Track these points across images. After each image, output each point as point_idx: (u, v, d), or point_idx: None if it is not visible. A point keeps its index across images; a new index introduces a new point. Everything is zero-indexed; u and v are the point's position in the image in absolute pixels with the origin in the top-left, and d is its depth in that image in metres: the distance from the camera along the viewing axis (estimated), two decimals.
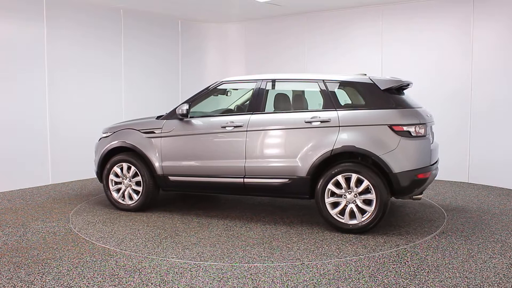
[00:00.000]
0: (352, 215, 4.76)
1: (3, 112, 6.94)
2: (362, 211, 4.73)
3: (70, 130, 7.75)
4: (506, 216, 5.47)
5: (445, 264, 3.94)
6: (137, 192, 5.72)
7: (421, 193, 4.96)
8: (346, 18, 8.48)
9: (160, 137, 5.58)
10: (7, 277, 3.68)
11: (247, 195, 5.56)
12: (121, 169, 5.76)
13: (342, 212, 4.80)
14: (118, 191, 5.82)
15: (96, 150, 6.06)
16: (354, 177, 4.71)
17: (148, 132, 5.65)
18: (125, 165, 5.72)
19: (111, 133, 5.93)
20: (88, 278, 3.66)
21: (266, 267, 3.90)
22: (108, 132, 5.99)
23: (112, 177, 5.80)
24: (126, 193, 5.76)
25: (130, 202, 5.75)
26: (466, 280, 3.60)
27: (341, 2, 8.04)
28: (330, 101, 4.98)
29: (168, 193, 6.71)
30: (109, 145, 5.82)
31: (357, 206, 4.73)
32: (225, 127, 5.29)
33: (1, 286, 3.52)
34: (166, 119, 5.63)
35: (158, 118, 5.79)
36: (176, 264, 3.97)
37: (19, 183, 7.18)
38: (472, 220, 5.32)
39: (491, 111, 7.18)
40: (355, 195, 4.74)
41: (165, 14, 9.08)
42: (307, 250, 4.32)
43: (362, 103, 4.95)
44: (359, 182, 4.72)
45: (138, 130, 5.73)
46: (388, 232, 4.83)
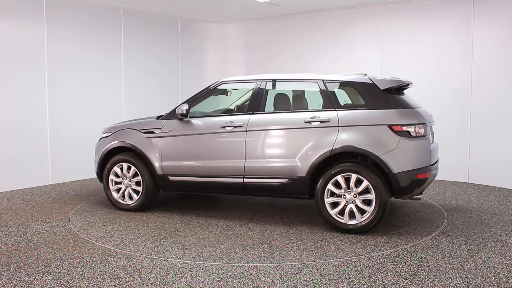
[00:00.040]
0: (352, 215, 4.76)
1: (3, 112, 6.95)
2: (362, 211, 4.73)
3: (70, 130, 7.75)
4: (506, 216, 5.47)
5: (445, 264, 3.94)
6: (137, 192, 5.72)
7: (421, 193, 4.96)
8: (346, 18, 8.48)
9: (160, 137, 5.58)
10: (7, 277, 3.68)
11: (246, 195, 5.56)
12: (121, 169, 5.76)
13: (341, 212, 4.80)
14: (118, 191, 5.82)
15: (96, 150, 6.07)
16: (353, 177, 4.71)
17: (148, 132, 5.66)
18: (125, 165, 5.73)
19: (111, 133, 5.93)
20: (88, 278, 3.67)
21: (265, 267, 3.90)
22: (108, 132, 6.00)
23: (112, 177, 5.81)
24: (126, 193, 5.77)
25: (130, 202, 5.75)
26: (466, 280, 3.60)
27: (341, 2, 8.04)
28: (329, 101, 4.98)
29: (168, 193, 6.71)
30: (109, 145, 5.83)
31: (356, 206, 4.73)
32: (225, 127, 5.29)
33: (1, 286, 3.52)
34: (166, 119, 5.64)
35: (158, 118, 5.79)
36: (176, 264, 3.97)
37: (19, 183, 7.18)
38: (472, 220, 5.32)
39: (491, 111, 7.18)
40: (354, 195, 4.73)
41: (165, 14, 9.08)
42: (307, 250, 4.32)
43: (361, 103, 4.95)
44: (358, 182, 4.72)
45: (138, 130, 5.73)
46: (388, 232, 4.83)
